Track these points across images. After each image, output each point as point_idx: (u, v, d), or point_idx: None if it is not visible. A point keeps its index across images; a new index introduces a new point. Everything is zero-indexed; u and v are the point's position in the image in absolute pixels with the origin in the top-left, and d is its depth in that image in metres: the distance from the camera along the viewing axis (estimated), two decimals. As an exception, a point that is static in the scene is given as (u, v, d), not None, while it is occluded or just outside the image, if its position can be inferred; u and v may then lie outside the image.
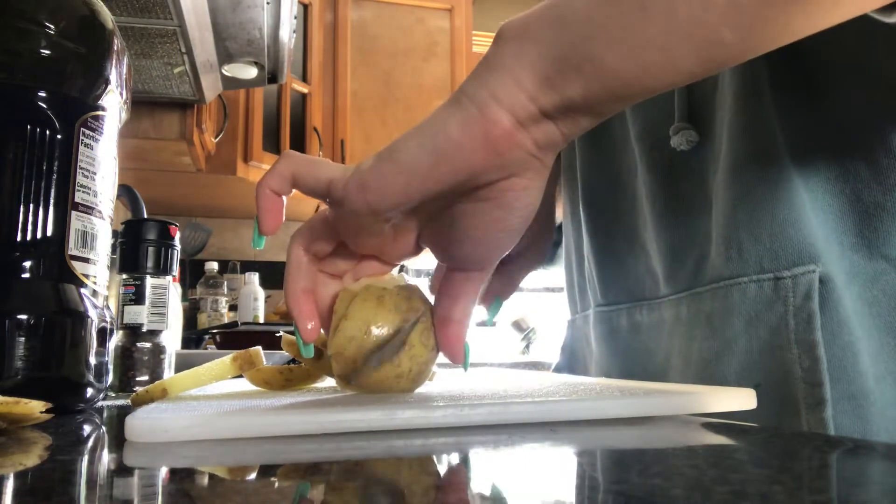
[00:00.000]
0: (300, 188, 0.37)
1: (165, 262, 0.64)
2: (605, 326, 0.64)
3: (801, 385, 0.41)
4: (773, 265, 0.44)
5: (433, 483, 0.22)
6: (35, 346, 0.43)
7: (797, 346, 0.42)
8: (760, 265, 0.45)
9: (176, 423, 0.29)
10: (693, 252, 0.51)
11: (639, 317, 0.59)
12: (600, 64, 0.30)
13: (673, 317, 0.54)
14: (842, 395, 0.41)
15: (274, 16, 1.27)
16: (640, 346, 0.59)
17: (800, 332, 0.42)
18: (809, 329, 0.41)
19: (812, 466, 0.25)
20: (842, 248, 0.43)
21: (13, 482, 0.23)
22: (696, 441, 0.31)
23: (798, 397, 0.41)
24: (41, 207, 0.45)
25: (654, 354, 0.57)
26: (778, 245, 0.44)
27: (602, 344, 0.65)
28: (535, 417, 0.33)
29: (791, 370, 0.42)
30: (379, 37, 2.54)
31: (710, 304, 0.49)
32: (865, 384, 0.41)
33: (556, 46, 0.30)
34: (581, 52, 0.30)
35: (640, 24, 0.29)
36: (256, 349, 0.45)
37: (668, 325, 0.55)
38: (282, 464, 0.26)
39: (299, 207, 2.48)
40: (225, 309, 2.19)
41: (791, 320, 0.42)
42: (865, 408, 0.41)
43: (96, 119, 0.49)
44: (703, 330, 0.49)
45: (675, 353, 0.53)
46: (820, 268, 0.42)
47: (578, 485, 0.22)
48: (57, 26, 0.46)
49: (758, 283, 0.45)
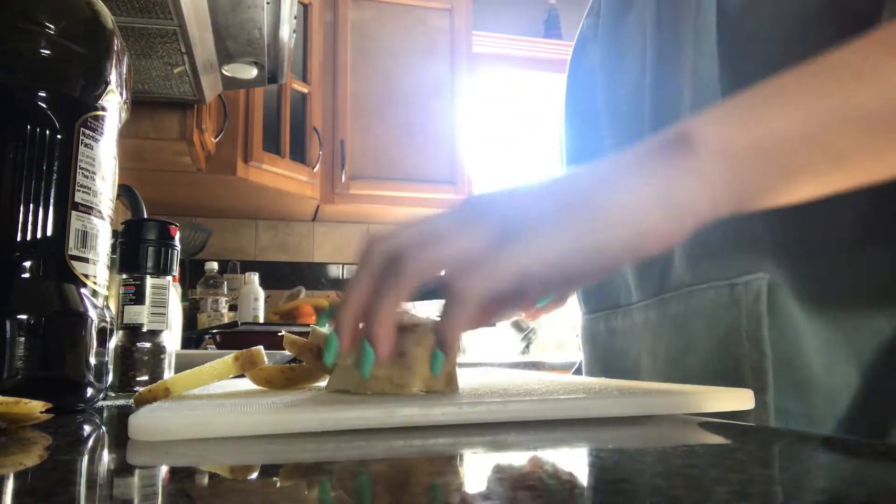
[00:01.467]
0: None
1: (165, 262, 0.64)
2: (588, 332, 0.71)
3: (750, 373, 0.47)
4: (728, 273, 0.50)
5: (433, 482, 0.22)
6: (35, 346, 0.43)
7: (748, 342, 0.47)
8: (718, 273, 0.50)
9: (178, 422, 0.29)
10: (659, 262, 0.57)
11: (614, 322, 0.65)
12: (789, 194, 0.36)
13: (643, 320, 0.60)
14: (787, 383, 0.46)
15: (274, 16, 1.27)
16: (615, 348, 0.65)
17: (750, 331, 0.47)
18: (758, 328, 0.47)
19: (812, 466, 0.25)
20: (788, 255, 0.48)
21: (13, 482, 0.23)
22: (696, 441, 0.31)
23: (747, 384, 0.47)
24: (41, 207, 0.45)
25: (628, 354, 0.63)
26: (732, 257, 0.50)
27: (586, 348, 0.72)
28: (534, 416, 0.33)
29: (742, 362, 0.47)
30: (379, 37, 2.54)
31: (675, 308, 0.55)
32: (811, 374, 0.47)
33: (757, 177, 0.35)
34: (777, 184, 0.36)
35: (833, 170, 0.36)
36: (258, 348, 0.45)
37: (638, 328, 0.61)
38: (283, 462, 0.26)
39: (299, 207, 2.48)
40: (225, 309, 2.19)
41: (743, 320, 0.48)
42: (810, 394, 0.47)
43: (96, 119, 0.49)
44: (669, 330, 0.55)
45: (644, 351, 0.59)
46: (768, 275, 0.48)
47: (578, 484, 0.22)
48: (57, 26, 0.46)
49: (716, 289, 0.50)
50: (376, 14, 2.55)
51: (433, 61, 2.58)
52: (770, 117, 0.35)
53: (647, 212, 0.33)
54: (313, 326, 0.48)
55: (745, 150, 0.34)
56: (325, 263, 2.74)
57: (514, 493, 0.20)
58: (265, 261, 2.64)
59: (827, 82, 0.35)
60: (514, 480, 0.22)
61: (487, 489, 0.21)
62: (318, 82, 2.38)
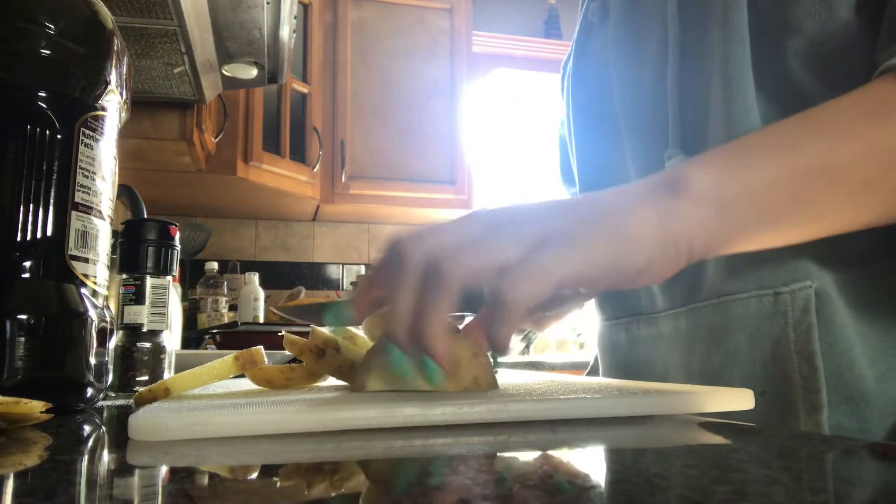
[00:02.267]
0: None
1: (165, 262, 0.64)
2: (606, 340, 0.67)
3: (801, 392, 0.44)
4: (772, 282, 0.47)
5: (433, 482, 0.22)
6: (35, 346, 0.43)
7: (797, 357, 0.45)
8: (759, 282, 0.48)
9: (178, 422, 0.29)
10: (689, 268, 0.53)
11: (637, 330, 0.62)
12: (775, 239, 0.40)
13: (672, 330, 0.56)
14: (840, 398, 0.44)
15: (274, 16, 1.27)
16: (638, 358, 0.61)
17: (799, 343, 0.45)
18: (808, 340, 0.45)
19: (812, 466, 0.25)
20: (834, 261, 0.46)
21: (13, 482, 0.23)
22: (696, 441, 0.31)
23: (797, 402, 0.44)
24: (41, 207, 0.45)
25: (653, 366, 0.59)
26: (775, 264, 0.47)
27: (605, 355, 0.67)
28: (534, 416, 0.33)
29: (791, 378, 0.45)
30: (379, 37, 2.54)
31: (710, 318, 0.51)
32: (864, 386, 0.44)
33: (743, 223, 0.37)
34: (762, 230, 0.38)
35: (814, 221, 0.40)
36: (258, 348, 0.45)
37: (666, 339, 0.57)
38: (283, 462, 0.26)
39: (299, 207, 2.48)
40: (225, 309, 2.19)
41: (791, 332, 0.45)
42: (864, 408, 0.44)
43: (96, 119, 0.49)
44: (704, 343, 0.52)
45: (673, 364, 0.56)
46: (815, 283, 0.46)
47: (578, 484, 0.22)
48: (57, 26, 0.46)
49: (758, 299, 0.48)
50: (376, 14, 2.55)
51: (433, 61, 2.58)
52: (757, 169, 0.37)
53: (654, 241, 0.35)
54: (313, 326, 0.48)
55: (733, 198, 0.37)
56: (325, 263, 2.74)
57: (514, 493, 0.20)
58: (265, 261, 2.64)
59: (814, 141, 0.38)
60: (514, 480, 0.22)
61: (487, 489, 0.21)
62: (318, 82, 2.38)
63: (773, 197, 0.37)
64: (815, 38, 0.46)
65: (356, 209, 2.54)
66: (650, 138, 0.56)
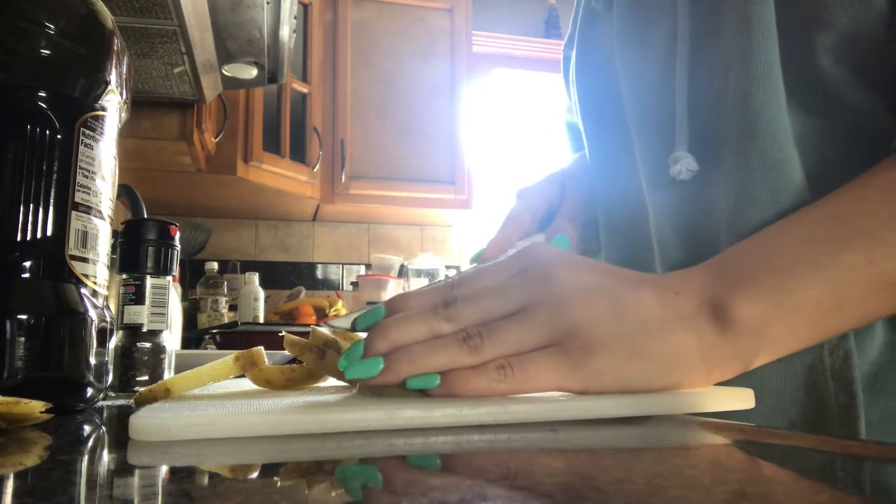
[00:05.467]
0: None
1: (165, 262, 0.64)
2: None
3: (837, 420, 0.43)
4: None
5: (433, 483, 0.22)
6: (35, 346, 0.43)
7: (834, 384, 0.43)
8: None
9: (178, 422, 0.29)
10: None
11: None
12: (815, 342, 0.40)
13: None
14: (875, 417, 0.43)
15: (274, 16, 1.27)
16: None
17: (836, 369, 0.43)
18: (847, 368, 0.43)
19: (812, 466, 0.25)
20: None
21: (13, 482, 0.23)
22: (696, 441, 0.31)
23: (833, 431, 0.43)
24: (41, 207, 0.45)
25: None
26: None
27: None
28: (534, 417, 0.33)
29: (827, 406, 0.43)
30: (379, 37, 2.54)
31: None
32: None
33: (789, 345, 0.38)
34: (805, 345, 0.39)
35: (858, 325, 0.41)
36: (259, 349, 0.45)
37: None
38: (283, 463, 0.26)
39: (299, 207, 2.48)
40: (225, 309, 2.19)
41: (827, 357, 0.43)
42: None
43: (96, 119, 0.49)
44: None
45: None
46: None
47: (578, 485, 0.22)
48: (57, 26, 0.46)
49: None
50: (376, 14, 2.55)
51: (433, 61, 2.58)
52: (801, 291, 0.37)
53: (688, 367, 0.36)
54: (313, 326, 0.48)
55: (778, 334, 0.37)
56: (326, 263, 2.74)
57: (514, 493, 0.20)
58: (265, 261, 2.64)
59: (852, 252, 0.37)
60: (513, 481, 0.22)
61: (487, 489, 0.21)
62: (318, 82, 2.38)
63: (816, 313, 0.37)
64: (849, 32, 0.42)
65: (356, 209, 2.54)
66: (658, 139, 0.52)
